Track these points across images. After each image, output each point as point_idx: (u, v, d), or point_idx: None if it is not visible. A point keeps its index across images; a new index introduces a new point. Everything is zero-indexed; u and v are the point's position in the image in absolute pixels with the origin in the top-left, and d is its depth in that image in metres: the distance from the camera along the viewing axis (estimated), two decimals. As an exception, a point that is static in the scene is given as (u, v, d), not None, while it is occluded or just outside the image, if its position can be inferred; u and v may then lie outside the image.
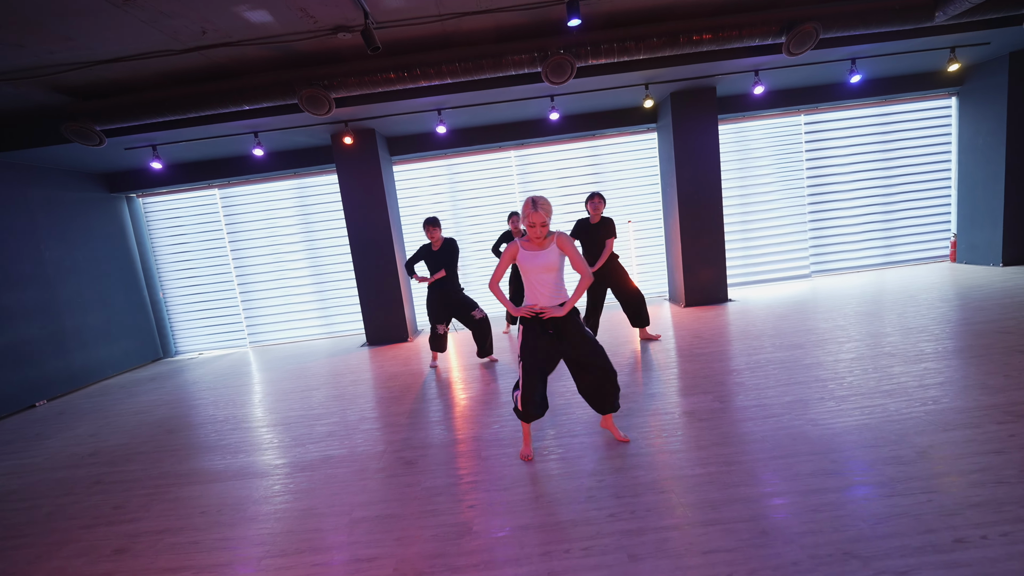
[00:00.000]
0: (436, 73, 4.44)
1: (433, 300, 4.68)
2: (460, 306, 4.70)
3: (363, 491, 2.62)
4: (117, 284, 6.60)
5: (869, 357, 3.66)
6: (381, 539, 2.18)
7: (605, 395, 2.68)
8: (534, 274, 2.53)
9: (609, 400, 2.70)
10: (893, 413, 2.73)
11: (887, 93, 6.64)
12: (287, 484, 2.82)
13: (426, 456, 2.95)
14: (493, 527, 2.15)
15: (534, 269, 2.52)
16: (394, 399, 4.10)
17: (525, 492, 2.40)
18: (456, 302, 4.68)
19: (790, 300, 5.97)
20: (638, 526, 2.02)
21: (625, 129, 6.73)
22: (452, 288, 4.65)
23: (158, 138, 5.25)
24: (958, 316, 4.45)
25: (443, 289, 4.63)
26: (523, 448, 2.78)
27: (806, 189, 7.07)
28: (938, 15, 4.47)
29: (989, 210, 6.41)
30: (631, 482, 2.36)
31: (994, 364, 3.25)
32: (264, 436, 3.63)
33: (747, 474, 2.30)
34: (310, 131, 5.70)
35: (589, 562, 1.84)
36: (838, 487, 2.11)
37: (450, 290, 4.64)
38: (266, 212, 7.02)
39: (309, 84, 4.37)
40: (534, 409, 2.62)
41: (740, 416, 2.94)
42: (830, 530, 1.86)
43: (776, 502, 2.06)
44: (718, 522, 1.98)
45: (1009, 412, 2.59)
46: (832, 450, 2.43)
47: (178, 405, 4.75)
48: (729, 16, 4.41)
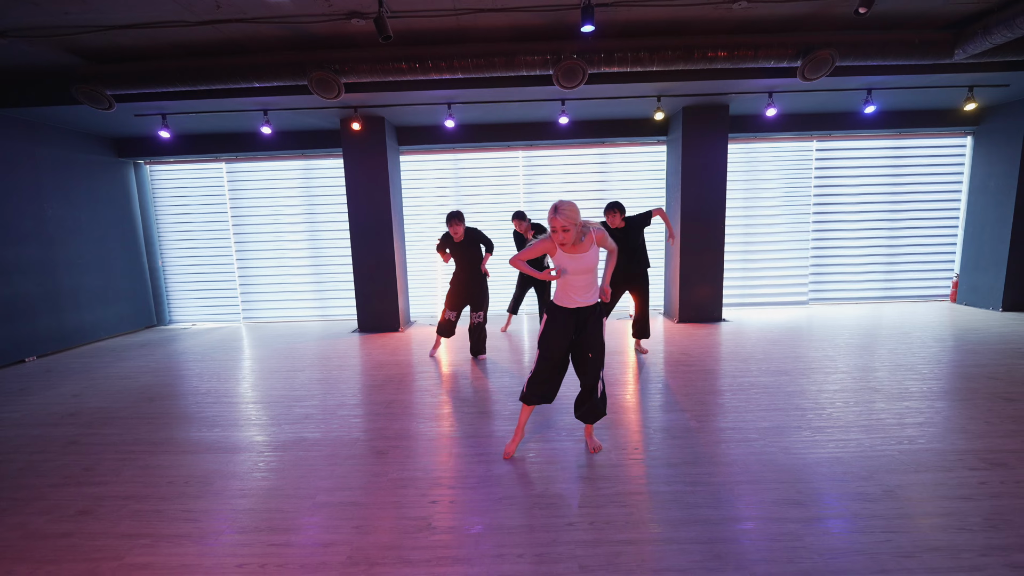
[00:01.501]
0: (447, 67, 4.44)
1: (457, 285, 4.76)
2: (476, 300, 4.75)
3: (331, 476, 2.63)
4: (117, 248, 6.64)
5: (853, 390, 3.64)
6: (340, 525, 2.18)
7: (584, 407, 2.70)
8: (572, 275, 2.52)
9: (587, 414, 2.70)
10: (867, 449, 2.72)
11: (902, 127, 6.59)
12: (256, 462, 2.83)
13: (398, 447, 2.95)
14: (452, 524, 2.16)
15: (574, 271, 2.50)
16: (376, 387, 4.11)
17: (490, 493, 2.40)
18: (475, 294, 4.74)
19: (784, 325, 5.94)
20: (594, 537, 2.01)
21: (635, 140, 6.71)
22: (480, 280, 4.74)
23: (168, 107, 5.28)
24: (949, 357, 4.42)
25: (465, 278, 4.71)
26: (509, 444, 2.78)
27: (812, 215, 7.03)
28: (957, 53, 4.44)
29: (994, 254, 6.35)
30: (595, 493, 2.36)
31: (977, 409, 3.22)
32: (242, 412, 3.65)
33: (712, 496, 2.30)
34: (320, 114, 5.71)
35: (540, 569, 1.84)
36: (800, 518, 2.10)
37: (472, 280, 4.71)
38: (271, 191, 7.04)
39: (320, 67, 4.38)
40: (538, 393, 2.65)
41: (715, 437, 2.93)
42: (784, 560, 1.85)
43: (736, 527, 2.05)
44: (674, 541, 1.97)
45: (984, 459, 2.57)
46: (800, 480, 2.41)
47: (163, 374, 4.77)
48: (746, 35, 4.40)
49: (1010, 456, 2.59)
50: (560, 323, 2.59)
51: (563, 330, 2.59)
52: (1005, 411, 3.17)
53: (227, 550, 2.05)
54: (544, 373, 2.63)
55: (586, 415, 2.72)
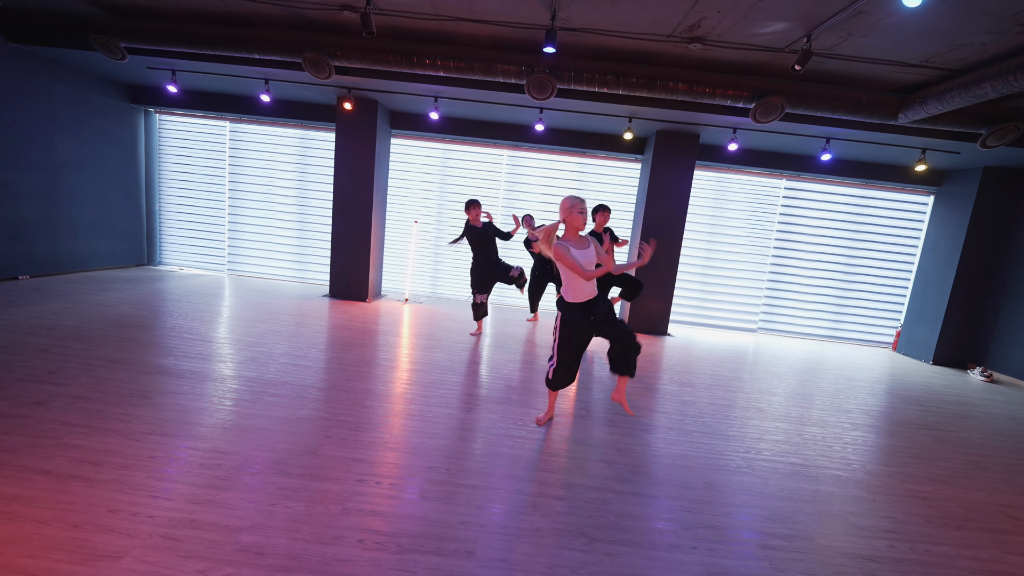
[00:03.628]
0: (431, 65, 4.83)
1: (478, 272, 5.25)
2: (500, 271, 5.28)
3: (251, 407, 3.07)
4: (119, 188, 7.11)
5: (741, 407, 4.03)
6: (242, 439, 2.62)
7: (627, 361, 3.00)
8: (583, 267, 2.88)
9: (628, 366, 3.01)
10: (718, 452, 3.13)
11: (869, 177, 6.91)
12: (194, 387, 3.28)
13: (317, 395, 3.39)
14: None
15: (586, 263, 2.89)
16: (321, 345, 4.54)
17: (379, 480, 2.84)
18: (497, 271, 5.27)
19: (724, 347, 6.32)
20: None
21: (614, 155, 7.08)
22: (493, 260, 5.26)
23: (178, 65, 5.70)
24: (859, 397, 4.78)
25: (488, 260, 5.22)
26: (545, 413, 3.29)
27: (771, 249, 7.38)
28: (901, 116, 4.78)
29: (933, 310, 6.70)
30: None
31: (844, 448, 3.61)
32: (195, 347, 4.10)
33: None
34: (317, 89, 6.12)
35: (366, 555, 2.27)
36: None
37: (492, 262, 5.24)
38: (268, 154, 7.47)
39: (315, 49, 4.79)
40: (564, 383, 3.12)
41: (583, 442, 3.34)
42: (587, 515, 2.27)
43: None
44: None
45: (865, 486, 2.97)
46: (631, 477, 2.83)
47: (140, 306, 5.24)
48: (706, 73, 4.76)
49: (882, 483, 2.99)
50: (576, 318, 2.95)
51: (579, 324, 2.96)
52: (864, 439, 3.57)
53: (147, 446, 2.50)
54: (566, 364, 3.05)
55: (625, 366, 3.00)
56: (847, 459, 3.24)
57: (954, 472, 3.22)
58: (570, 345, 3.02)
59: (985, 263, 6.39)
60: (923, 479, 3.06)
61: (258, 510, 2.09)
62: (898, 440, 3.70)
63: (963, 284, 6.43)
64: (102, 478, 2.21)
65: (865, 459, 3.27)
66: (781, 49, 4.19)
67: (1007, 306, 6.21)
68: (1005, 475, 3.27)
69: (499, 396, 3.70)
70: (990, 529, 2.56)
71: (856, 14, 3.46)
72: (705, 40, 4.18)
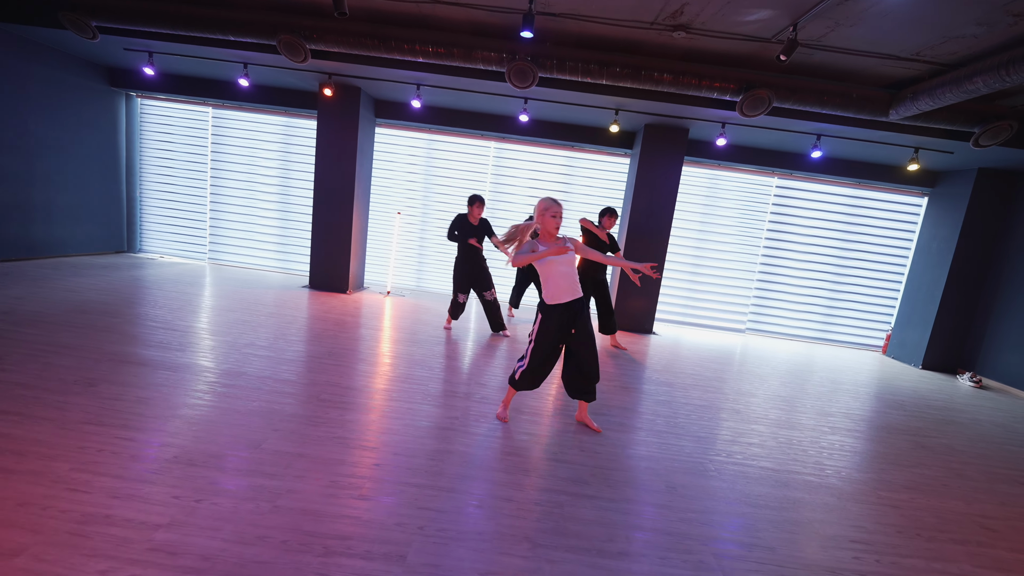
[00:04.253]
0: (410, 50, 4.69)
1: (461, 270, 5.09)
2: (481, 281, 5.14)
3: (199, 397, 2.95)
4: (97, 173, 6.97)
5: (717, 409, 3.91)
6: (182, 430, 2.50)
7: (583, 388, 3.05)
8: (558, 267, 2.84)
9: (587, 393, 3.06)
10: (686, 454, 3.00)
11: (863, 177, 6.77)
12: (143, 374, 3.15)
13: (270, 386, 3.27)
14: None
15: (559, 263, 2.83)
16: (289, 337, 4.42)
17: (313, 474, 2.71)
18: (479, 276, 5.12)
19: (709, 347, 6.20)
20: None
21: (603, 148, 6.94)
22: (480, 262, 5.12)
23: (155, 46, 5.55)
24: (842, 400, 4.66)
25: (474, 260, 5.06)
26: (500, 409, 3.18)
27: (762, 248, 7.25)
28: (892, 113, 4.64)
29: (924, 313, 6.57)
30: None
31: (820, 452, 3.49)
32: (156, 336, 3.97)
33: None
34: (299, 75, 5.97)
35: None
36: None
37: (478, 263, 5.10)
38: (251, 141, 7.33)
39: (290, 31, 4.65)
40: (531, 386, 3.05)
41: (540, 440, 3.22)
42: (534, 520, 2.15)
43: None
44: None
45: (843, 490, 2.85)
46: (588, 477, 2.71)
47: (109, 293, 5.11)
48: (692, 64, 4.61)
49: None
50: (554, 321, 2.89)
51: (556, 327, 2.90)
52: (842, 443, 3.45)
53: (79, 436, 2.37)
54: (537, 367, 2.96)
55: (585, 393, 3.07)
56: (821, 464, 3.12)
57: (932, 480, 3.10)
58: (544, 350, 2.94)
59: (977, 267, 6.26)
60: (898, 487, 2.94)
61: (182, 506, 1.97)
62: (877, 445, 3.58)
63: (955, 288, 6.30)
64: (20, 469, 2.08)
65: (840, 464, 3.15)
66: (767, 39, 4.05)
67: (998, 311, 6.09)
68: (985, 484, 3.15)
69: (464, 391, 3.58)
70: (963, 541, 2.43)
71: (842, 1, 3.32)
72: (689, 28, 4.04)
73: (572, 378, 3.05)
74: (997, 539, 2.49)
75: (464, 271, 5.11)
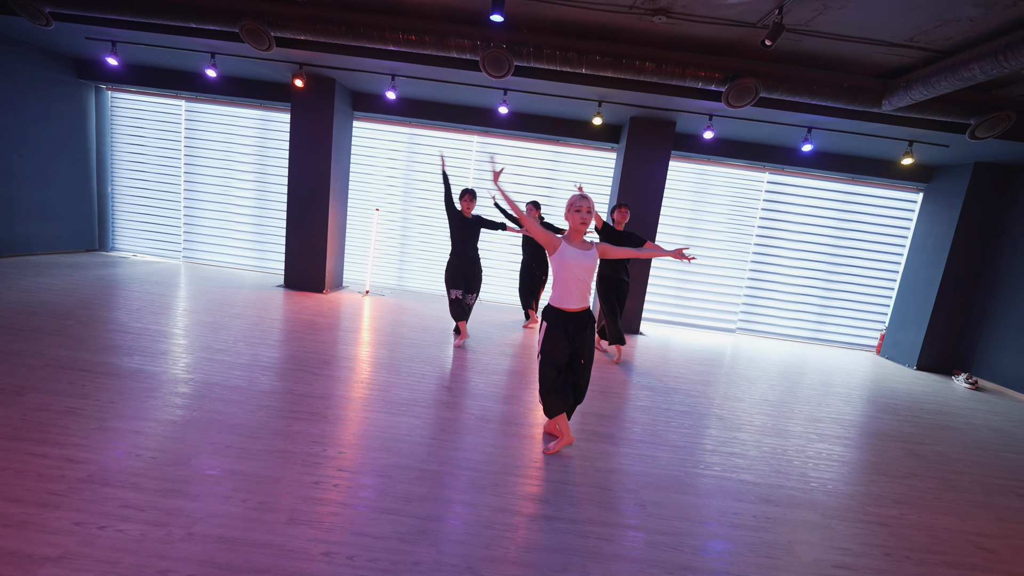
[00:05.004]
0: (379, 37, 4.46)
1: (453, 266, 4.66)
2: (471, 280, 4.73)
3: (140, 408, 2.73)
4: (65, 168, 6.72)
5: (699, 415, 3.70)
6: (101, 444, 2.28)
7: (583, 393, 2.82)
8: (576, 271, 2.59)
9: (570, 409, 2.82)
10: (661, 466, 2.79)
11: (856, 172, 6.57)
12: (80, 381, 2.93)
13: (212, 395, 3.05)
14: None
15: (578, 267, 2.59)
16: (249, 339, 4.19)
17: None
18: (471, 273, 4.71)
19: (697, 348, 5.99)
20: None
21: (588, 143, 6.72)
22: (472, 258, 4.71)
23: (117, 35, 5.30)
24: (832, 404, 4.46)
25: (464, 257, 4.65)
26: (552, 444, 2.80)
27: (753, 246, 7.04)
28: (885, 103, 4.44)
29: (919, 313, 6.37)
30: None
31: (805, 463, 3.29)
32: (106, 339, 3.74)
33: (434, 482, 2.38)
34: (271, 66, 5.73)
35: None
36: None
37: (470, 260, 4.68)
38: (226, 135, 7.08)
39: (252, 17, 4.41)
40: (560, 407, 2.70)
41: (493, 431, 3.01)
42: (482, 546, 1.93)
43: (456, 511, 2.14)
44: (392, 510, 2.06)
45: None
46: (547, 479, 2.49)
47: (66, 294, 4.88)
48: (676, 52, 4.39)
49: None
50: (560, 328, 2.65)
51: (563, 334, 2.65)
52: (820, 453, 3.24)
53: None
54: (552, 380, 2.67)
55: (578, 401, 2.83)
56: (806, 476, 2.91)
57: (925, 493, 2.90)
58: (555, 361, 2.65)
59: (974, 264, 6.06)
60: (888, 501, 2.74)
61: (81, 535, 1.75)
62: (867, 454, 3.38)
63: (950, 286, 6.11)
64: (-96, 492, 1.86)
65: (827, 476, 2.94)
66: (753, 24, 3.82)
67: (995, 310, 5.89)
68: (981, 496, 2.95)
69: (432, 399, 3.36)
70: (956, 564, 2.23)
71: (830, -19, 3.11)
72: (670, 12, 3.81)
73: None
74: (993, 561, 2.29)
75: (455, 267, 4.66)
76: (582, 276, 2.62)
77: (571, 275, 2.61)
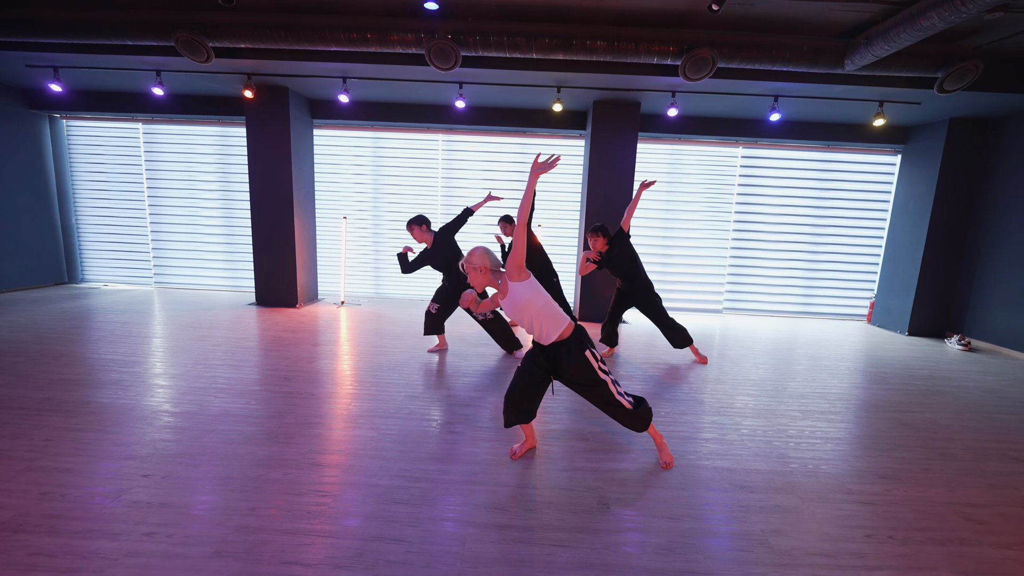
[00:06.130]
0: (321, 38, 4.31)
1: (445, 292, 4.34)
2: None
3: (77, 444, 2.58)
4: (24, 202, 6.56)
5: (678, 400, 3.56)
6: (25, 488, 2.13)
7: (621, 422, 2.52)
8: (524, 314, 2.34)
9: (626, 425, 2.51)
10: (629, 462, 2.64)
11: (830, 139, 6.41)
12: (8, 421, 2.78)
13: (156, 424, 2.90)
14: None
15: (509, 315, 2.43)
16: (223, 363, 4.04)
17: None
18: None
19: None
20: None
21: (555, 132, 6.56)
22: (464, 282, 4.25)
23: (58, 60, 5.15)
24: (819, 379, 4.31)
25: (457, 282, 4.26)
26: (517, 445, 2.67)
27: (732, 223, 6.89)
28: (848, 63, 4.29)
29: (906, 277, 6.23)
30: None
31: (787, 443, 3.14)
32: (51, 374, 3.58)
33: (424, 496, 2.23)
34: (220, 79, 5.57)
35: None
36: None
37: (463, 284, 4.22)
38: (187, 155, 6.92)
39: (186, 28, 4.25)
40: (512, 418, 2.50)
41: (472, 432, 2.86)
42: (423, 565, 1.79)
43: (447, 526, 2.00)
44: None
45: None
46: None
47: (23, 329, 4.72)
48: (627, 28, 4.24)
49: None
50: (537, 355, 2.47)
51: (534, 356, 2.48)
52: (804, 431, 3.10)
53: None
54: (514, 393, 2.48)
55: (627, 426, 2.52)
56: (786, 457, 2.76)
57: (912, 464, 2.75)
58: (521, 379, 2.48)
59: (958, 223, 5.92)
60: (872, 476, 2.59)
61: (-23, 592, 1.60)
62: (852, 428, 3.23)
63: (935, 247, 5.96)
64: None
65: (807, 456, 2.80)
66: (701, -10, 3.67)
67: (982, 268, 5.75)
68: (972, 463, 2.81)
69: (394, 409, 3.21)
70: (943, 540, 2.08)
71: (771, -65, 2.95)
72: (614, -14, 3.66)
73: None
74: (983, 533, 2.14)
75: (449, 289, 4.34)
76: (523, 316, 2.35)
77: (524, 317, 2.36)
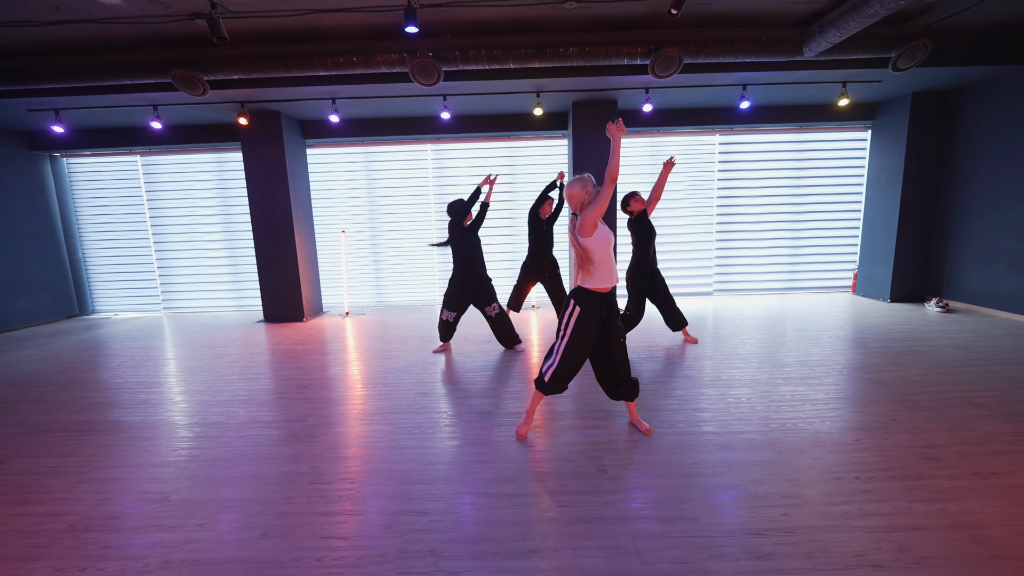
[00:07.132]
0: (309, 64, 4.56)
1: (455, 288, 4.42)
2: (483, 297, 4.43)
3: (120, 457, 2.83)
4: (31, 241, 6.79)
5: (670, 377, 3.82)
6: (82, 497, 2.38)
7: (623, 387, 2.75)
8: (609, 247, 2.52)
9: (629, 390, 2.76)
10: (625, 432, 2.90)
11: (801, 121, 6.69)
12: (54, 444, 3.02)
13: (188, 435, 3.15)
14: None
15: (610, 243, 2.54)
16: (240, 377, 4.29)
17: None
18: (481, 291, 4.41)
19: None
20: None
21: (539, 133, 6.83)
22: (474, 272, 4.31)
23: (58, 103, 5.40)
24: (801, 348, 4.57)
25: (470, 268, 4.28)
26: (521, 426, 2.86)
27: (715, 208, 7.16)
28: (806, 50, 4.56)
29: (885, 246, 6.51)
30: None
31: (768, 407, 3.40)
32: (82, 399, 3.83)
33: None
34: (215, 108, 5.82)
35: (220, 536, 2.04)
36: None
37: (472, 274, 4.28)
38: (186, 183, 7.17)
39: (182, 65, 4.51)
40: (561, 388, 2.72)
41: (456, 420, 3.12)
42: (444, 530, 2.04)
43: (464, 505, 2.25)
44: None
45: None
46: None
47: (45, 362, 4.96)
48: (596, 33, 4.50)
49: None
50: (595, 310, 2.55)
51: (595, 318, 2.57)
52: (794, 395, 3.36)
53: (-32, 521, 2.25)
54: (571, 365, 2.62)
55: (628, 393, 2.76)
56: (767, 419, 3.03)
57: (882, 417, 3.02)
58: (581, 345, 2.60)
59: (928, 191, 6.20)
60: (845, 429, 2.86)
61: (62, 580, 1.85)
62: (830, 388, 3.50)
63: (909, 216, 6.24)
64: None
65: (787, 417, 3.06)
66: (661, -5, 3.93)
67: (955, 232, 6.02)
68: (937, 411, 3.08)
69: (406, 405, 3.47)
70: (902, 476, 2.35)
71: (718, -56, 3.21)
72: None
73: (607, 377, 2.76)
74: (937, 469, 2.40)
75: (458, 290, 4.38)
76: (609, 251, 2.52)
77: (607, 253, 2.51)
